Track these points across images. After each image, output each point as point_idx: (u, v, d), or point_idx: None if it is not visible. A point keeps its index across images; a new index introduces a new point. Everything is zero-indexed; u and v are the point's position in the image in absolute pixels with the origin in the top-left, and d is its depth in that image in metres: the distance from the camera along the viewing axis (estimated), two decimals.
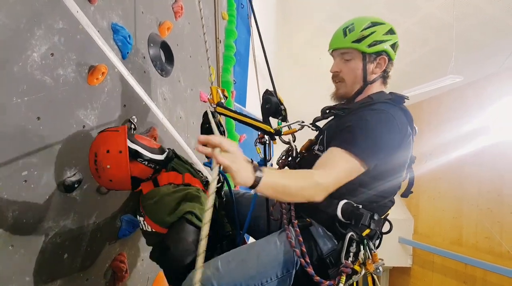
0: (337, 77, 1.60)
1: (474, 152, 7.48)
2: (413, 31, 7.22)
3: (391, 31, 1.55)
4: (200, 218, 1.52)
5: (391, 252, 9.46)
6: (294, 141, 1.70)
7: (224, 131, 1.83)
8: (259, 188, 1.13)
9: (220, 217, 1.77)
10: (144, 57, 2.33)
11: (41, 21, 1.42)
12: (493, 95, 7.18)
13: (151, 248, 1.70)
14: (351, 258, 1.37)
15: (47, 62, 1.46)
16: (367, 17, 1.57)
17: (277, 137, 1.68)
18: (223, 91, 1.83)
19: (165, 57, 2.62)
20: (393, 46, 1.55)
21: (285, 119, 1.69)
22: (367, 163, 1.32)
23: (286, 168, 1.66)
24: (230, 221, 1.82)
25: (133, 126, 2.11)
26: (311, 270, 1.34)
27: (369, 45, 1.51)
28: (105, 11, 1.88)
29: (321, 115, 1.65)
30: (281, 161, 1.70)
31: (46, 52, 1.45)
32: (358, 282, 1.44)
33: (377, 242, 1.52)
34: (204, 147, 1.05)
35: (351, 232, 1.38)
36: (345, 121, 1.46)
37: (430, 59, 7.86)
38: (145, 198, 1.63)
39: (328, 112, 1.62)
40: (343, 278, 1.33)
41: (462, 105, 8.03)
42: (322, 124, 1.68)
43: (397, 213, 9.80)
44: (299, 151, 1.68)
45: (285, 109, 1.67)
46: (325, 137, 1.52)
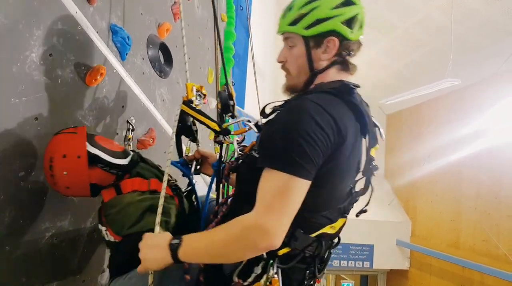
0: (283, 67, 1.32)
1: (472, 155, 7.51)
2: (411, 33, 7.25)
3: (345, 3, 1.20)
4: None
5: (388, 254, 9.48)
6: (243, 141, 1.48)
7: (196, 131, 1.73)
8: (183, 260, 1.07)
9: (191, 223, 1.61)
10: (143, 58, 2.33)
11: (40, 22, 1.42)
12: (492, 97, 7.20)
13: None
14: (250, 279, 1.13)
15: (45, 62, 1.45)
16: None
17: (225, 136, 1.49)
18: (200, 89, 1.70)
19: (164, 58, 2.62)
20: (350, 22, 1.19)
21: (234, 116, 1.51)
22: (302, 177, 1.03)
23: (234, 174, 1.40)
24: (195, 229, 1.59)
25: (131, 127, 2.11)
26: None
27: (308, 26, 1.20)
28: (104, 12, 1.87)
29: (260, 113, 1.39)
30: (228, 164, 1.47)
31: (44, 52, 1.45)
32: None
33: (309, 270, 1.21)
34: None
35: None
36: (271, 122, 1.20)
37: (428, 61, 7.89)
38: (106, 206, 1.47)
39: (271, 110, 1.34)
40: None
41: (460, 107, 8.06)
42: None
43: (395, 216, 9.82)
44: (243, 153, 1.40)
45: (233, 105, 1.48)
46: (258, 141, 1.25)
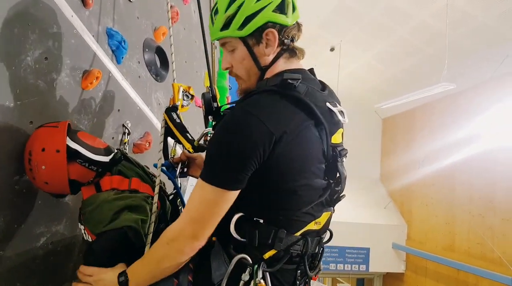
0: (231, 73, 1.28)
1: (466, 159, 7.55)
2: (406, 38, 7.30)
3: None
4: (140, 237, 1.32)
5: (384, 257, 9.49)
6: None
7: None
8: None
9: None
10: (139, 62, 2.33)
11: (35, 25, 1.42)
12: (486, 102, 7.25)
13: None
14: None
15: (41, 66, 1.45)
16: None
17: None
18: (188, 89, 1.61)
19: (160, 62, 2.62)
20: (281, 7, 1.14)
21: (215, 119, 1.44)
22: (230, 189, 1.03)
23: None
24: None
25: (127, 131, 2.10)
26: None
27: (240, 26, 1.14)
28: (100, 15, 1.88)
29: (213, 116, 1.38)
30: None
31: (40, 56, 1.44)
32: None
33: (299, 269, 1.16)
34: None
35: (242, 255, 1.09)
36: (215, 131, 1.18)
37: (423, 66, 7.94)
38: (84, 204, 1.43)
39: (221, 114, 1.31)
40: None
41: (454, 112, 8.11)
42: None
43: (391, 219, 9.85)
44: None
45: (217, 107, 1.42)
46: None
